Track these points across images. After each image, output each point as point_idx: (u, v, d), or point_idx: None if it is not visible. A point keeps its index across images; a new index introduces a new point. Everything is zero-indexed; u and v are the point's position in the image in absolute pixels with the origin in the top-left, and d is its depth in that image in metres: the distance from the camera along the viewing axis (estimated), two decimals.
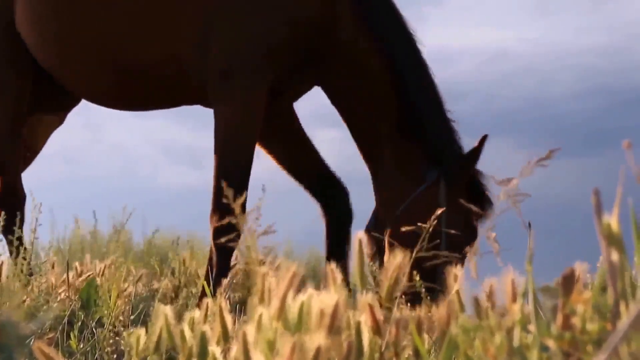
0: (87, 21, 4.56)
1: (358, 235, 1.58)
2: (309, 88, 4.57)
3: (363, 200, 4.51)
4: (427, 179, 4.24)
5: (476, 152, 4.21)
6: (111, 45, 4.49)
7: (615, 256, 1.29)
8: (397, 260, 1.50)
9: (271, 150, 4.68)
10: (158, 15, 4.37)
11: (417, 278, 2.67)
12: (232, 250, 4.08)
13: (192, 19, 4.26)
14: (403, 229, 3.86)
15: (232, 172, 4.15)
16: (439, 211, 2.79)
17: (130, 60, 4.47)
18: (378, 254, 4.17)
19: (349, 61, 4.31)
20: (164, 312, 1.47)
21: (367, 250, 1.58)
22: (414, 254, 2.15)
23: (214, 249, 4.11)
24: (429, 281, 2.84)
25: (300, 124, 4.73)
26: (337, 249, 4.52)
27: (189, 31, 4.26)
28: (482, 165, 4.27)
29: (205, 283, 3.90)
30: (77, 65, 4.66)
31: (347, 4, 4.27)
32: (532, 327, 1.39)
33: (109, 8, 4.50)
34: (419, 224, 2.81)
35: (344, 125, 4.47)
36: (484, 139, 4.22)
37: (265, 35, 4.18)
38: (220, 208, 4.06)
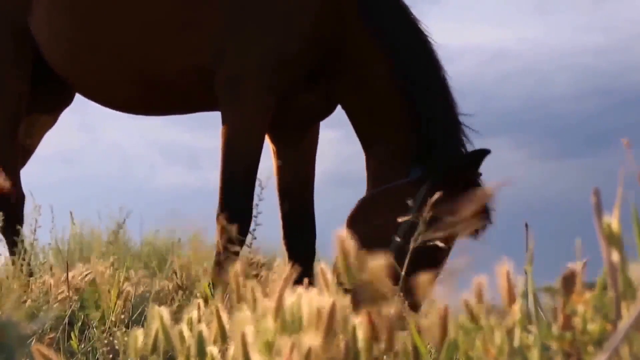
0: (110, 32, 4.61)
1: (338, 233, 1.56)
2: (331, 108, 4.58)
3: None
4: (411, 176, 4.21)
5: (471, 161, 4.14)
6: (134, 58, 4.57)
7: (615, 256, 1.29)
8: (377, 261, 1.49)
9: (277, 159, 4.70)
10: (178, 26, 4.45)
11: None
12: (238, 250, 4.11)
13: (210, 29, 4.33)
14: (367, 217, 3.89)
15: (237, 176, 4.21)
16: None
17: (154, 72, 4.55)
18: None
19: (355, 68, 4.35)
20: (160, 313, 1.47)
21: (350, 247, 1.55)
22: (410, 255, 2.14)
23: (220, 249, 4.14)
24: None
25: (314, 155, 4.74)
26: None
27: (208, 40, 4.33)
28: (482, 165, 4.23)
29: (206, 284, 3.92)
30: (99, 75, 4.71)
31: (354, 14, 4.31)
32: (532, 328, 1.39)
33: (130, 19, 4.56)
34: (384, 217, 2.78)
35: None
36: (482, 153, 4.15)
37: (275, 48, 4.27)
38: (227, 209, 4.12)
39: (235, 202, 4.20)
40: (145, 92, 4.67)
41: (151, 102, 4.77)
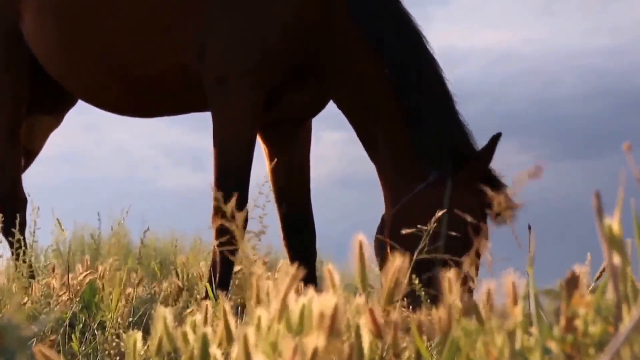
0: (95, 34, 4.61)
1: (358, 237, 1.57)
2: (321, 105, 4.57)
3: (363, 203, 4.49)
4: (430, 178, 4.17)
5: (487, 152, 4.10)
6: (119, 57, 4.56)
7: (617, 259, 1.29)
8: (397, 263, 1.49)
9: (271, 161, 4.68)
10: (162, 27, 4.44)
11: (417, 281, 2.65)
12: (234, 252, 4.09)
13: (194, 28, 4.32)
14: (402, 229, 3.86)
15: (229, 175, 4.19)
16: (439, 212, 2.76)
17: (139, 71, 4.53)
18: (381, 256, 4.13)
19: (345, 64, 4.31)
20: (164, 314, 1.47)
21: (369, 253, 1.55)
22: (414, 256, 2.14)
23: (216, 251, 4.13)
24: (427, 284, 2.81)
25: (308, 154, 4.74)
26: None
27: (192, 40, 4.32)
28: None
29: (207, 285, 3.92)
30: (86, 76, 4.72)
31: (340, 6, 4.27)
32: (534, 330, 1.39)
33: (115, 21, 4.56)
34: (418, 225, 2.80)
35: (348, 128, 4.47)
36: (495, 138, 4.12)
37: (259, 42, 4.23)
38: (221, 211, 4.10)
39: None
40: (132, 93, 4.67)
41: (139, 103, 4.76)
